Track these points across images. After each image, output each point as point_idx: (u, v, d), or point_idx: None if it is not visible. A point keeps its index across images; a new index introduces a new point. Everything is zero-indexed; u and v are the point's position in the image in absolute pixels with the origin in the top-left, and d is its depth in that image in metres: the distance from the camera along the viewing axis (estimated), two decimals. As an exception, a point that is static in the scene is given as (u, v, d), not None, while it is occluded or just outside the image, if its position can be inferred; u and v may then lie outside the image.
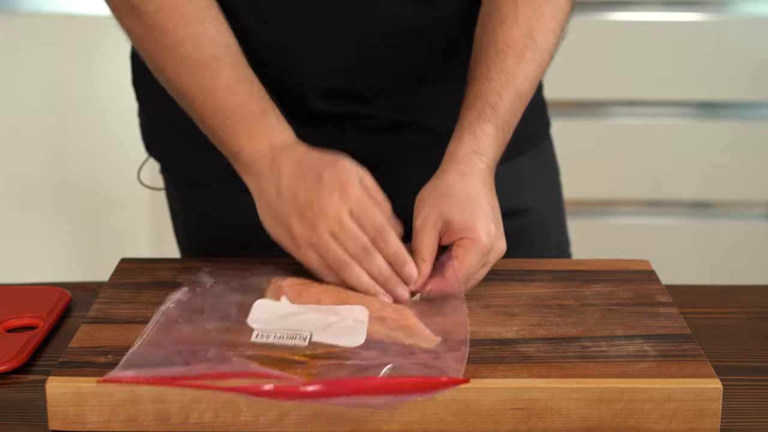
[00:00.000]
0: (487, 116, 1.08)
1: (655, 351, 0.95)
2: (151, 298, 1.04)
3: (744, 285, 1.22)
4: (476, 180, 1.06)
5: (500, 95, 1.09)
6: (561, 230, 1.37)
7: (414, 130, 1.22)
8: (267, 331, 0.95)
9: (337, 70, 1.16)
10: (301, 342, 0.94)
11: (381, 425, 0.89)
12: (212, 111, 1.08)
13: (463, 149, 1.07)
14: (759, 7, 2.28)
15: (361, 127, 1.20)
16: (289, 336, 0.94)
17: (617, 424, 0.90)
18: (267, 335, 0.95)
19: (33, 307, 1.09)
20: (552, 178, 1.35)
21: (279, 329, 0.95)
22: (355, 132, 1.20)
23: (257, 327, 0.96)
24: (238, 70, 1.08)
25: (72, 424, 0.89)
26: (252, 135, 1.06)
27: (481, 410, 0.89)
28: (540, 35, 1.11)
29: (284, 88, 1.16)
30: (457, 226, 1.03)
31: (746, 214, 2.38)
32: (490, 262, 1.05)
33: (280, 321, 0.97)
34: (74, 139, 2.33)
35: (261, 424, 0.89)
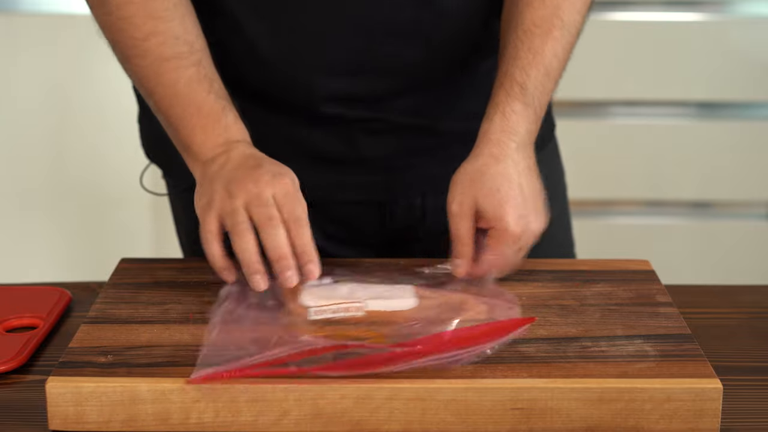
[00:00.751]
0: (515, 94, 1.09)
1: (655, 351, 0.95)
2: (151, 298, 1.05)
3: (744, 285, 1.22)
4: (508, 163, 1.07)
5: (528, 73, 1.10)
6: (566, 231, 1.37)
7: (423, 132, 1.22)
8: (322, 309, 0.97)
9: (343, 74, 1.16)
10: (357, 312, 0.97)
11: (381, 425, 0.89)
12: (170, 103, 1.09)
13: (494, 129, 1.09)
14: (759, 7, 2.28)
15: (371, 131, 1.20)
16: (345, 308, 0.97)
17: (617, 424, 0.90)
18: (323, 312, 0.97)
19: (33, 307, 1.09)
20: (557, 178, 1.35)
21: (333, 305, 0.98)
22: (364, 135, 1.20)
23: (312, 305, 0.98)
24: (200, 68, 1.09)
25: (72, 424, 0.89)
26: (207, 129, 1.08)
27: (481, 410, 0.89)
28: (566, 14, 1.12)
29: (292, 93, 1.16)
30: (487, 216, 1.05)
31: (746, 214, 2.37)
32: (525, 246, 1.07)
33: (332, 297, 0.99)
34: (74, 140, 2.33)
35: (261, 424, 0.89)
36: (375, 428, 0.89)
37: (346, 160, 1.20)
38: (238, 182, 1.03)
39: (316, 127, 1.18)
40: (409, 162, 1.22)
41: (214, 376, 0.89)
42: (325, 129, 1.19)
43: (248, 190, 1.02)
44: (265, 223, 1.01)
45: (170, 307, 1.03)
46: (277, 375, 0.89)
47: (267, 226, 1.01)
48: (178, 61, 1.08)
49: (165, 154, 1.20)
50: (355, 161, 1.21)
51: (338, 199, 1.23)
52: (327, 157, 1.20)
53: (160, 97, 1.09)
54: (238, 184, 1.03)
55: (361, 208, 1.24)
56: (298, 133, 1.19)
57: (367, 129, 1.20)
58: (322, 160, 1.20)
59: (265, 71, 1.14)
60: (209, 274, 1.10)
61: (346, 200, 1.23)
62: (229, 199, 1.02)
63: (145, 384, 0.89)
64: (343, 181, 1.21)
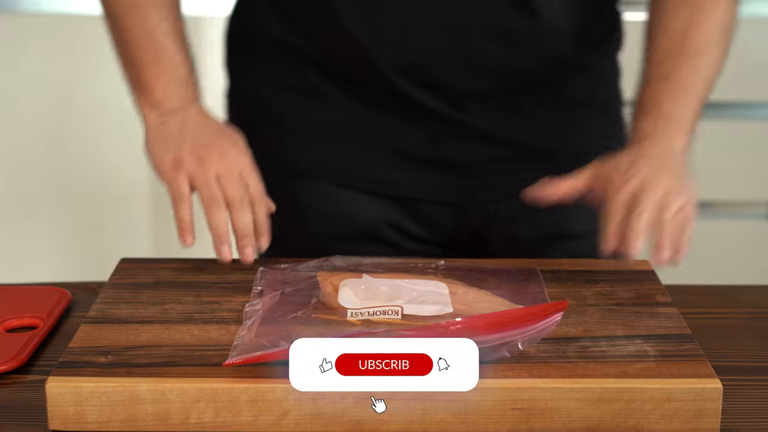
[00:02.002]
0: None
1: (655, 351, 0.95)
2: (151, 298, 1.05)
3: (744, 285, 1.22)
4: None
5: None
6: None
7: (505, 144, 1.23)
8: (360, 310, 0.98)
9: (432, 73, 1.18)
10: (394, 316, 0.97)
11: (381, 425, 0.89)
12: (144, 45, 1.17)
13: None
14: (759, 7, 2.28)
15: (457, 136, 1.22)
16: (382, 311, 0.97)
17: (617, 424, 0.90)
18: (361, 313, 0.97)
19: (33, 307, 1.09)
20: None
21: (371, 307, 0.98)
22: (450, 140, 1.22)
23: (351, 307, 0.98)
24: (176, 22, 1.18)
25: (72, 424, 0.89)
26: (171, 81, 1.16)
27: (481, 410, 0.89)
28: (694, 41, 1.18)
29: (379, 88, 1.19)
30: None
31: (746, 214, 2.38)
32: (665, 207, 1.07)
33: (369, 299, 1.00)
34: (74, 140, 2.33)
35: (261, 424, 0.89)
36: (375, 428, 0.89)
37: (430, 161, 1.23)
38: (206, 148, 1.13)
39: (404, 123, 1.21)
40: (488, 169, 1.24)
41: (248, 359, 0.89)
42: (413, 127, 1.21)
43: (219, 161, 1.12)
44: (238, 205, 1.11)
45: (170, 307, 1.03)
46: None
47: (239, 207, 1.12)
48: (162, 10, 1.16)
49: (251, 132, 1.23)
50: (438, 163, 1.23)
51: (417, 196, 1.25)
52: (411, 156, 1.23)
53: (136, 37, 1.17)
54: (208, 151, 1.13)
55: (437, 208, 1.26)
56: (387, 129, 1.22)
57: (454, 134, 1.22)
58: (406, 158, 1.23)
59: (355, 53, 1.17)
60: (209, 274, 1.10)
61: (425, 199, 1.25)
62: (201, 167, 1.12)
63: (145, 384, 0.89)
64: (425, 180, 1.24)
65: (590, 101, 1.27)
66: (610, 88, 1.32)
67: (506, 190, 1.23)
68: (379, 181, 1.24)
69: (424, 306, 0.99)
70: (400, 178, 1.23)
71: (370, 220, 1.25)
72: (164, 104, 1.16)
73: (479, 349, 0.90)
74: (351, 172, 1.23)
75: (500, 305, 1.00)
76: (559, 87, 1.23)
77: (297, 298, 1.02)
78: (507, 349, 0.91)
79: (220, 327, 0.99)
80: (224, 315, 1.01)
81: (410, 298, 1.00)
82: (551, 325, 0.92)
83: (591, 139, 1.26)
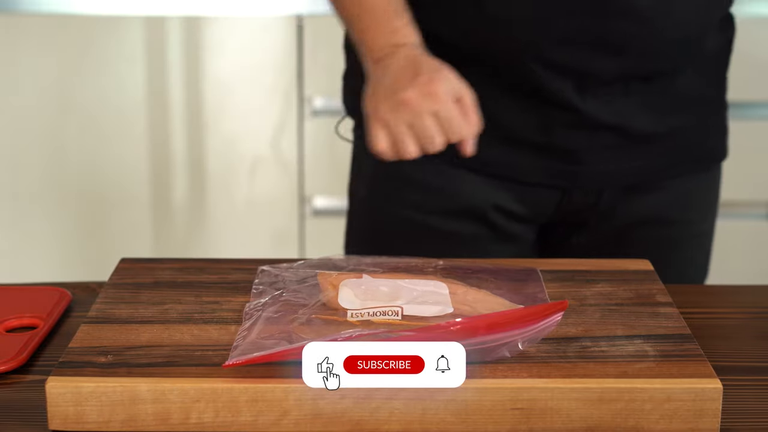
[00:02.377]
0: None
1: (655, 351, 0.95)
2: (151, 298, 1.05)
3: (744, 285, 1.22)
4: None
5: None
6: (706, 255, 1.43)
7: (616, 132, 1.27)
8: (360, 311, 0.98)
9: (567, 54, 1.21)
10: (394, 317, 0.97)
11: (381, 425, 0.89)
12: (352, 3, 1.20)
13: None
14: (759, 7, 2.28)
15: (569, 124, 1.25)
16: (382, 312, 0.97)
17: (617, 424, 0.90)
18: (361, 314, 0.97)
19: (33, 307, 1.09)
20: (714, 200, 1.40)
21: (371, 308, 0.98)
22: (561, 127, 1.26)
23: (350, 308, 0.99)
24: None
25: (72, 424, 0.89)
26: (378, 30, 1.17)
27: (481, 410, 0.89)
28: None
29: (508, 55, 1.22)
30: None
31: (746, 214, 2.37)
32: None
33: (369, 300, 1.00)
34: (74, 139, 2.33)
35: (261, 424, 0.89)
36: (375, 428, 0.89)
37: (541, 146, 1.27)
38: (401, 93, 1.10)
39: (520, 111, 1.25)
40: (597, 157, 1.28)
41: (248, 360, 0.89)
42: (527, 112, 1.25)
43: (410, 109, 1.09)
44: (428, 144, 1.10)
45: (170, 307, 1.03)
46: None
47: (429, 146, 1.10)
48: None
49: (360, 109, 1.26)
50: (547, 148, 1.27)
51: (524, 179, 1.29)
52: (521, 139, 1.27)
53: (350, 2, 1.20)
54: (401, 96, 1.10)
55: (543, 190, 1.30)
56: (502, 115, 1.25)
57: (566, 122, 1.25)
58: (516, 141, 1.27)
59: (486, 30, 1.21)
60: (209, 274, 1.10)
61: (531, 181, 1.29)
62: (392, 114, 1.10)
63: (145, 384, 0.89)
64: (533, 163, 1.28)
65: (699, 97, 1.30)
66: (717, 87, 1.34)
67: (613, 177, 1.28)
68: (488, 162, 1.27)
69: (424, 306, 0.99)
70: (509, 161, 1.28)
71: (476, 200, 1.29)
72: (374, 54, 1.17)
73: (479, 349, 0.90)
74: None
75: (500, 305, 1.00)
76: (674, 78, 1.26)
77: (297, 298, 1.02)
78: (507, 349, 0.91)
79: (220, 327, 0.99)
80: (224, 315, 1.01)
81: (410, 299, 1.00)
82: (551, 325, 0.92)
83: (693, 132, 1.30)
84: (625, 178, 1.29)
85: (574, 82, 1.23)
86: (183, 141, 2.32)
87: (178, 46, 2.30)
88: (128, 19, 2.27)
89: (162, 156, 2.32)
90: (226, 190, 2.37)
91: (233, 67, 2.31)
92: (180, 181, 2.35)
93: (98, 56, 2.30)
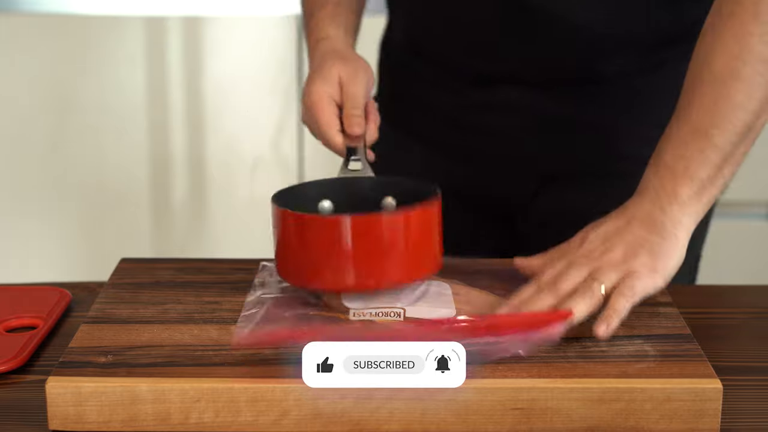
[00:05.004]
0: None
1: (655, 351, 0.95)
2: (151, 298, 1.05)
3: (744, 285, 1.22)
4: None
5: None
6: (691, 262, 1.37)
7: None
8: (362, 310, 0.98)
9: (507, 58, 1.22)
10: (396, 318, 0.97)
11: (381, 425, 0.89)
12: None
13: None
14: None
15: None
16: (384, 314, 0.97)
17: (617, 424, 0.90)
18: (363, 314, 0.97)
19: (33, 307, 1.09)
20: None
21: (373, 308, 0.98)
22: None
23: (353, 307, 0.98)
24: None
25: (72, 424, 0.89)
26: (313, 31, 1.22)
27: (481, 410, 0.89)
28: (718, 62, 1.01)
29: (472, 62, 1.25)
30: None
31: (746, 214, 2.37)
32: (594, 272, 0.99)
33: (371, 300, 1.00)
34: (74, 139, 2.33)
35: (261, 424, 0.89)
36: (375, 428, 0.89)
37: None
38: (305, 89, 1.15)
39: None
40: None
41: (259, 340, 0.92)
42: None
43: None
44: None
45: (170, 307, 1.03)
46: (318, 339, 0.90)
47: None
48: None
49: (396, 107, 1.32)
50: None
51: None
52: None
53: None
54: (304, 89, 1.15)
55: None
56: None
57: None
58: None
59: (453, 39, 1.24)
60: (209, 274, 1.10)
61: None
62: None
63: (145, 384, 0.89)
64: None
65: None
66: None
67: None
68: None
69: (426, 308, 0.99)
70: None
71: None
72: (309, 53, 1.21)
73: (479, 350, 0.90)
74: None
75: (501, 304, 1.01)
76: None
77: (300, 295, 1.02)
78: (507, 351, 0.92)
79: (220, 327, 0.99)
80: (224, 315, 1.01)
81: (413, 299, 1.00)
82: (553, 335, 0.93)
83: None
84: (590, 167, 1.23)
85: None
86: (183, 141, 2.32)
87: (178, 46, 2.30)
88: (128, 19, 2.27)
89: (162, 156, 2.32)
90: (226, 190, 2.37)
91: (233, 67, 2.31)
92: (180, 181, 2.35)
93: (98, 56, 2.30)
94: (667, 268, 0.98)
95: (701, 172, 0.99)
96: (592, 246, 0.99)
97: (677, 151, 1.00)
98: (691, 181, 0.99)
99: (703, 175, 0.99)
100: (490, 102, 1.25)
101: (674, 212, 0.99)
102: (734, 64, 0.98)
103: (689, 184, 0.99)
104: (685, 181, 0.99)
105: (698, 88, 1.00)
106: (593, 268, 0.97)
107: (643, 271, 0.97)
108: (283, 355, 0.92)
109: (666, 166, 1.00)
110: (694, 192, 1.00)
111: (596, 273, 0.97)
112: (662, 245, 0.98)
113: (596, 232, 1.01)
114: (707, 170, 0.99)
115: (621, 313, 0.94)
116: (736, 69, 0.98)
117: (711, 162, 0.99)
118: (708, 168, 0.99)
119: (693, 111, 1.00)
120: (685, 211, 0.99)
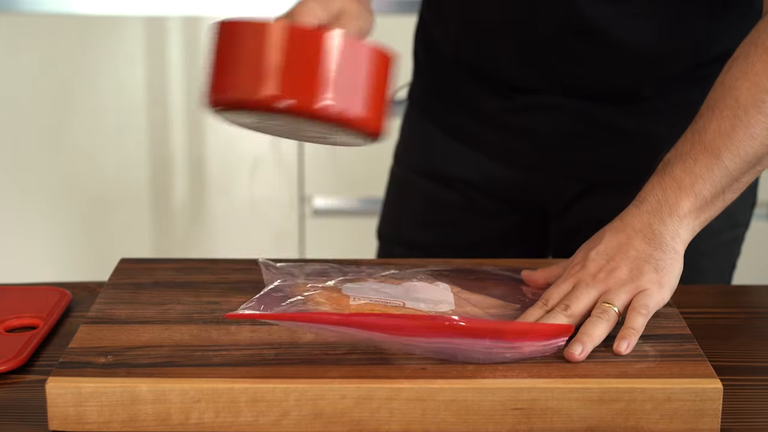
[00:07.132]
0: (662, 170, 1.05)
1: (654, 351, 0.95)
2: (151, 298, 1.05)
3: (744, 285, 1.22)
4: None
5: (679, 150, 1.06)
6: (726, 264, 1.40)
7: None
8: (362, 296, 0.99)
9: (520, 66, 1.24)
10: (395, 311, 0.97)
11: (381, 425, 0.89)
12: None
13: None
14: (759, 7, 2.28)
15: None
16: (384, 304, 0.98)
17: (617, 424, 0.90)
18: (362, 299, 0.99)
19: (33, 307, 1.09)
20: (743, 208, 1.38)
21: (373, 298, 0.99)
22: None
23: (353, 294, 0.99)
24: None
25: (72, 425, 0.89)
26: None
27: (481, 410, 0.89)
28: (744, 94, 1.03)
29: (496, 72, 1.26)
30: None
31: (746, 214, 2.37)
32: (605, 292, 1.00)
33: (372, 293, 1.01)
34: (74, 139, 2.33)
35: (261, 424, 0.89)
36: (375, 428, 0.89)
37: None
38: None
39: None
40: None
41: (250, 315, 0.93)
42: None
43: None
44: None
45: (170, 307, 1.03)
46: (316, 321, 0.91)
47: None
48: None
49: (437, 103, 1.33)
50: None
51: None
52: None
53: None
54: None
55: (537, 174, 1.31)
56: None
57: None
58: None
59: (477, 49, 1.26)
60: (209, 274, 1.10)
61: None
62: None
63: (145, 384, 0.89)
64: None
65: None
66: None
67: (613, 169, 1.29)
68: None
69: (427, 303, 0.99)
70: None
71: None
72: None
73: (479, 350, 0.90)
74: None
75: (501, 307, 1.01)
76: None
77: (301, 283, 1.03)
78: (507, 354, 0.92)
79: (220, 327, 0.99)
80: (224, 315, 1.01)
81: (414, 298, 1.00)
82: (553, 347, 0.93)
83: None
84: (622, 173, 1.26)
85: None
86: (183, 141, 2.32)
87: (178, 46, 2.30)
88: (128, 19, 2.27)
89: (162, 156, 2.32)
90: (226, 190, 2.37)
91: (233, 67, 2.31)
92: (180, 181, 2.35)
93: (98, 56, 2.30)
94: (671, 281, 1.00)
95: (706, 190, 1.01)
96: (596, 265, 1.00)
97: (687, 165, 1.02)
98: (695, 197, 1.01)
99: (707, 194, 1.01)
100: (535, 105, 1.26)
101: (674, 224, 1.01)
102: (761, 97, 1.01)
103: (692, 199, 1.01)
104: (689, 196, 1.01)
105: (719, 111, 1.02)
106: (602, 290, 0.99)
107: (652, 288, 0.99)
108: (283, 355, 0.92)
109: (673, 177, 1.02)
110: (695, 207, 1.01)
111: (607, 296, 0.98)
112: (665, 260, 1.00)
113: (597, 250, 1.01)
114: (712, 189, 1.01)
115: (640, 331, 0.96)
116: (762, 102, 1.01)
117: (717, 182, 1.01)
118: (713, 187, 1.01)
119: (710, 131, 1.02)
120: (684, 224, 1.01)
